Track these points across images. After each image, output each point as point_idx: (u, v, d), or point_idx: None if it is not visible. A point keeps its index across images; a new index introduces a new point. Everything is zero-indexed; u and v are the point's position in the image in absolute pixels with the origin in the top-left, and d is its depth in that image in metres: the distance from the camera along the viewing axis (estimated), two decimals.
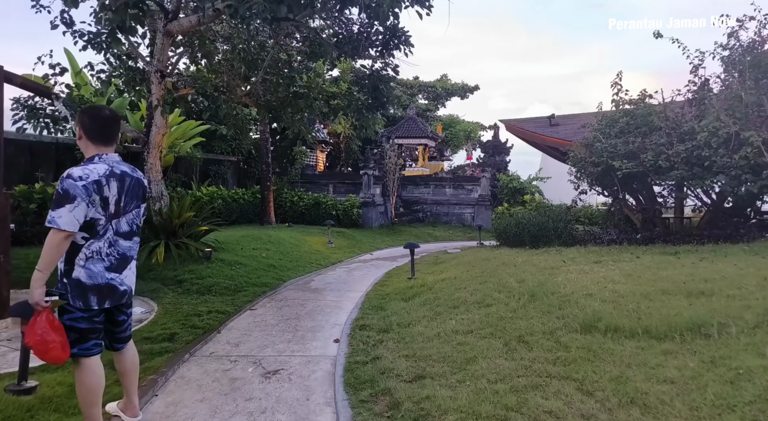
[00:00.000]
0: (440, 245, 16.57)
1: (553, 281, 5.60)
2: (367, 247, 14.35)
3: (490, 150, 20.33)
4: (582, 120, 13.41)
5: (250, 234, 11.73)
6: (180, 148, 12.76)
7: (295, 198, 17.01)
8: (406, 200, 20.26)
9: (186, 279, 7.29)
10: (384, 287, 8.06)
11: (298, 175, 17.62)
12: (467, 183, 19.82)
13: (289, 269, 9.42)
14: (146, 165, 8.06)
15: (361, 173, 17.36)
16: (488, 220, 19.00)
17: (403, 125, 22.97)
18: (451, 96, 36.32)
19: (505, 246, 10.97)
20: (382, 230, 17.25)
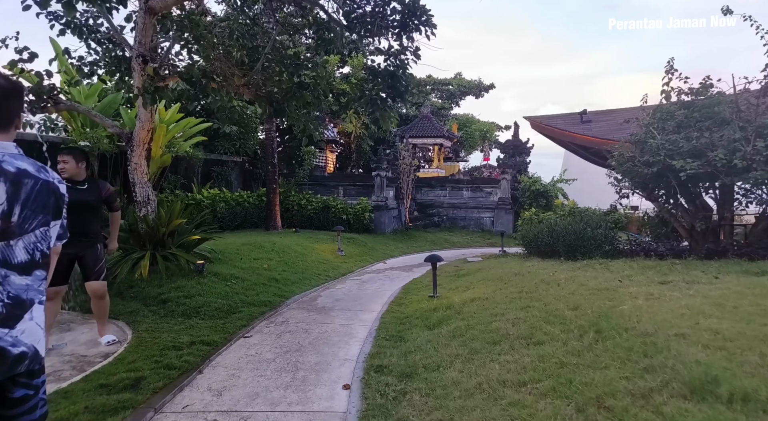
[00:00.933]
0: (458, 251, 15.41)
1: (618, 311, 4.43)
2: (380, 255, 13.25)
3: (510, 150, 19.12)
4: (618, 116, 12.18)
5: (252, 241, 10.70)
6: (179, 148, 11.79)
7: (302, 201, 15.99)
8: (421, 204, 19.13)
9: (171, 298, 6.25)
10: (402, 306, 6.95)
11: (306, 176, 16.60)
12: (486, 185, 18.63)
13: (293, 283, 8.35)
14: (130, 165, 7.05)
15: (373, 175, 16.28)
16: (509, 225, 17.79)
17: (417, 124, 21.84)
18: (465, 95, 35.11)
19: (535, 256, 9.78)
20: (395, 235, 16.13)
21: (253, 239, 11.46)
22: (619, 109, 12.51)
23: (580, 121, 12.10)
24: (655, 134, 7.11)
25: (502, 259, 11.87)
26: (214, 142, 15.03)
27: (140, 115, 6.75)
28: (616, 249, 8.62)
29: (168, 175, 12.43)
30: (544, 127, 12.71)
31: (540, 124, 12.92)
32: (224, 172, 15.18)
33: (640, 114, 8.55)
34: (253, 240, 11.00)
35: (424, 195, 19.37)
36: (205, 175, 14.88)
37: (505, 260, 10.48)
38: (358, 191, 16.70)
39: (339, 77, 22.75)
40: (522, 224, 11.26)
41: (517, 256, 11.09)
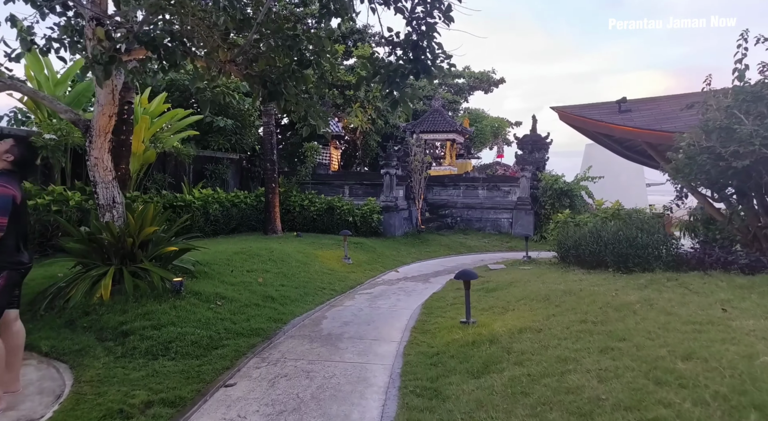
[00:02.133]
0: (476, 257, 14.00)
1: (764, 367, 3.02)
2: (390, 262, 11.86)
3: (529, 146, 17.68)
4: (662, 104, 10.73)
5: (247, 249, 9.34)
6: (165, 143, 10.43)
7: (305, 202, 14.62)
8: (432, 204, 17.73)
9: (136, 329, 4.89)
10: (428, 335, 5.56)
11: (309, 175, 15.25)
12: (504, 184, 17.20)
13: (293, 302, 6.97)
14: (89, 160, 5.69)
15: (382, 173, 14.89)
16: (529, 227, 16.37)
17: (427, 118, 20.44)
18: (474, 90, 33.65)
19: (575, 266, 8.36)
20: (406, 239, 14.74)
21: (248, 245, 10.09)
22: (663, 97, 11.07)
23: (618, 110, 10.66)
24: (742, 119, 5.68)
25: (531, 267, 10.46)
26: (207, 138, 13.69)
27: (98, 97, 5.38)
28: (679, 259, 7.19)
29: (153, 173, 11.08)
30: (576, 119, 11.33)
31: (570, 114, 11.53)
32: (219, 171, 13.83)
33: (702, 98, 7.11)
34: (248, 247, 9.63)
35: (436, 195, 17.97)
36: (198, 174, 13.54)
37: (538, 269, 9.07)
38: (365, 191, 15.34)
39: (344, 69, 21.38)
40: (555, 227, 9.85)
41: (550, 264, 9.67)
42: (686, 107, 7.24)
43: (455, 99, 25.42)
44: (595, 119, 10.62)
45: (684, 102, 10.51)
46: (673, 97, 10.88)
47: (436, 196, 18.04)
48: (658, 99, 11.02)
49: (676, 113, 9.97)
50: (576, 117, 11.24)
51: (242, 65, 6.15)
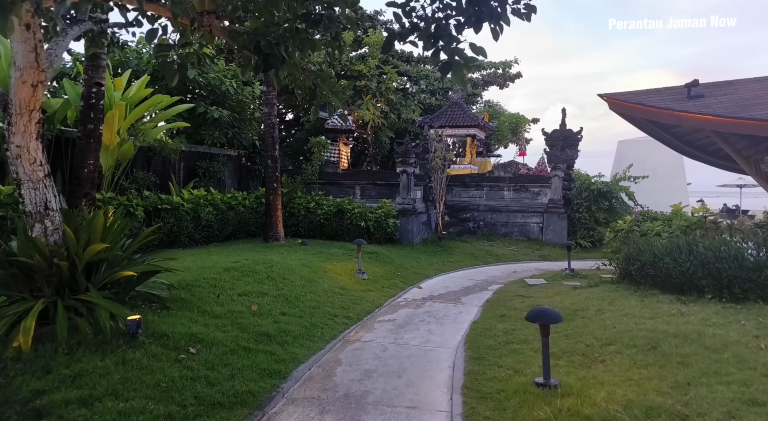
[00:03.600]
0: (506, 268, 12.26)
1: None
2: (411, 275, 10.14)
3: (559, 142, 15.90)
4: (742, 88, 8.94)
5: (241, 263, 7.66)
6: (145, 135, 8.77)
7: (311, 204, 12.93)
8: (452, 206, 15.99)
9: (55, 404, 3.21)
10: (490, 404, 3.84)
11: (316, 173, 13.57)
12: (533, 184, 15.42)
13: (296, 339, 5.28)
14: (8, 149, 4.01)
15: (399, 171, 13.17)
16: (562, 232, 14.59)
17: (446, 112, 18.69)
18: (489, 85, 31.84)
19: (652, 288, 6.58)
20: (426, 247, 13.01)
21: (243, 257, 8.42)
22: (740, 80, 9.30)
23: (687, 96, 8.89)
24: None
25: (581, 284, 8.71)
26: (200, 131, 12.03)
27: (15, 58, 3.70)
28: None
29: (134, 171, 9.44)
30: (632, 107, 9.58)
31: (624, 103, 9.78)
32: (213, 169, 12.17)
33: None
34: (243, 260, 7.95)
35: (456, 196, 16.23)
36: (189, 172, 11.90)
37: (600, 291, 7.29)
38: (379, 192, 13.65)
39: (354, 57, 19.71)
40: (614, 237, 8.09)
41: (609, 282, 7.91)
42: None
43: (474, 91, 23.64)
44: (659, 107, 8.86)
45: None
46: (753, 80, 9.10)
47: (456, 197, 16.29)
48: (735, 82, 9.23)
49: (764, 98, 8.20)
50: (632, 105, 9.47)
51: (226, 18, 4.45)
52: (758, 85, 8.76)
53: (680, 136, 10.93)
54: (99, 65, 7.49)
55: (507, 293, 8.84)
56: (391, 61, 18.56)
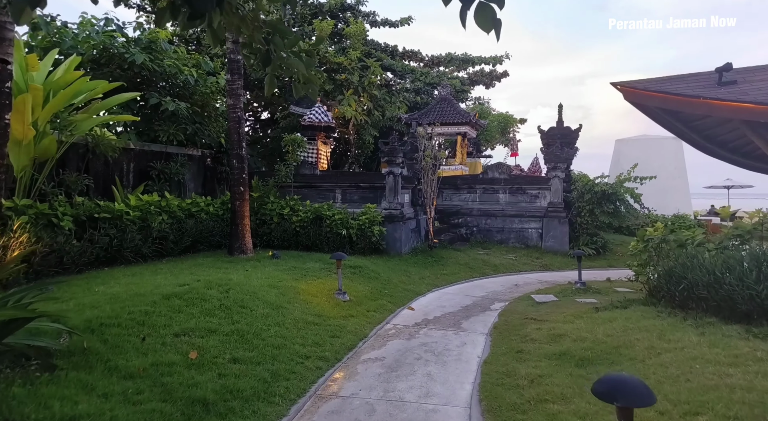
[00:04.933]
0: (506, 280, 10.91)
1: None
2: (400, 293, 8.67)
3: (557, 140, 14.68)
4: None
5: (189, 287, 6.07)
6: (74, 128, 7.13)
7: (285, 210, 11.37)
8: (442, 211, 14.60)
9: None
10: None
11: (291, 175, 12.02)
12: (530, 186, 14.13)
13: (246, 403, 3.76)
14: None
15: (385, 172, 11.71)
16: (563, 239, 13.32)
17: (434, 108, 17.32)
18: (475, 84, 30.71)
19: (710, 315, 5.24)
20: (415, 257, 11.56)
21: (197, 277, 6.83)
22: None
23: (718, 82, 7.67)
24: None
25: (598, 301, 7.38)
26: (153, 127, 10.38)
27: None
28: None
29: (60, 173, 7.75)
30: (653, 96, 8.35)
31: (642, 91, 8.53)
32: (171, 170, 10.53)
33: None
34: (193, 282, 6.37)
35: (447, 200, 14.85)
36: (142, 175, 10.24)
37: (634, 315, 5.92)
38: (362, 196, 12.18)
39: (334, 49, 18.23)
40: (644, 248, 6.76)
41: (635, 301, 6.56)
42: None
43: (463, 88, 22.40)
44: (687, 95, 7.63)
45: None
46: None
47: (447, 201, 14.91)
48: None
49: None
50: (652, 95, 8.21)
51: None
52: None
53: (701, 130, 9.76)
54: (4, 38, 5.88)
55: (515, 315, 7.44)
56: (375, 54, 17.16)
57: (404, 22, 19.46)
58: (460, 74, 27.60)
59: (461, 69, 26.33)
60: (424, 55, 22.50)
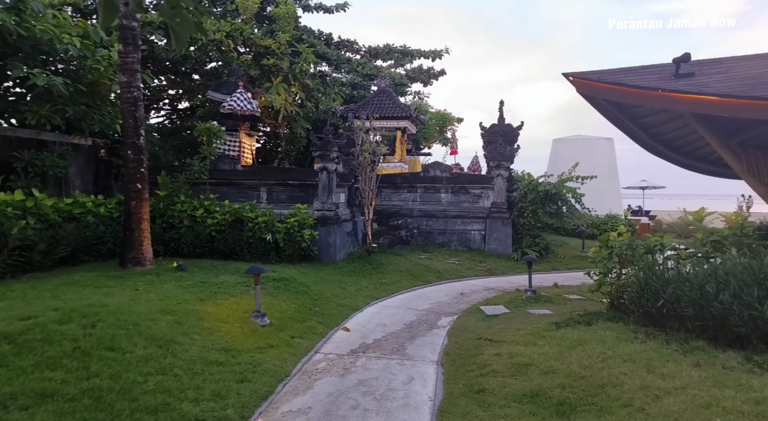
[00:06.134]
0: (450, 287, 9.98)
1: None
2: (334, 310, 7.36)
3: (499, 137, 14.10)
4: (735, 66, 7.38)
5: (34, 322, 4.37)
6: None
7: (198, 211, 9.64)
8: (381, 212, 13.49)
9: None
10: None
11: (206, 171, 10.27)
12: (473, 185, 13.39)
13: None
14: None
15: (317, 169, 10.33)
16: (507, 241, 12.71)
17: (372, 101, 16.11)
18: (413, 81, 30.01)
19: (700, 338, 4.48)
20: (352, 264, 10.29)
21: (55, 304, 5.09)
22: (729, 58, 7.83)
23: (675, 74, 7.18)
24: None
25: (553, 312, 6.57)
26: (18, 107, 8.22)
27: None
28: None
29: None
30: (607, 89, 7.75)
31: (595, 84, 7.89)
32: (45, 163, 8.43)
33: None
34: (45, 313, 4.66)
35: (386, 199, 13.75)
36: (1, 167, 8.06)
37: (606, 335, 5.08)
38: (291, 195, 10.71)
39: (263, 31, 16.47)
40: (609, 255, 6.01)
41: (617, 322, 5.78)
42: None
43: (403, 81, 21.44)
44: (645, 88, 7.06)
45: None
46: (744, 58, 7.65)
47: (386, 201, 13.81)
48: (725, 60, 7.70)
49: None
50: (610, 87, 7.60)
51: None
52: (754, 63, 7.31)
53: (648, 128, 9.43)
54: None
55: (466, 334, 6.42)
56: (307, 40, 15.67)
57: (340, 7, 18.11)
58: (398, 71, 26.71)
59: (399, 64, 25.42)
60: (361, 46, 21.26)
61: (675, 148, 10.10)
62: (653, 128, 9.52)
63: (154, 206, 9.51)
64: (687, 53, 7.17)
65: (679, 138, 9.92)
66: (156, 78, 16.51)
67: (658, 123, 9.32)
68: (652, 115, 9.00)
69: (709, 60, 7.73)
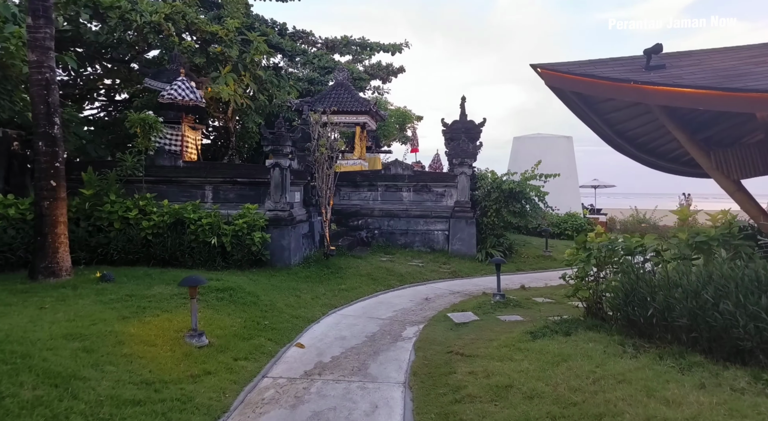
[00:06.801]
0: (414, 292, 9.35)
1: None
2: (286, 323, 6.53)
3: (462, 134, 13.65)
4: (706, 59, 7.15)
5: None
6: None
7: (132, 212, 8.51)
8: (339, 211, 12.71)
9: None
10: None
11: (141, 167, 9.11)
12: (436, 184, 12.85)
13: None
14: None
15: (269, 165, 9.41)
16: (471, 241, 12.27)
17: (329, 94, 15.23)
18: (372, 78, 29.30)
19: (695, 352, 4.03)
20: (308, 269, 9.46)
21: None
22: (697, 51, 7.62)
23: (645, 66, 6.86)
24: None
25: (525, 319, 6.09)
26: None
27: None
28: None
29: None
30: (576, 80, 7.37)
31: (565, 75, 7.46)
32: None
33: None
34: None
35: (345, 198, 12.96)
36: None
37: (590, 349, 4.58)
38: (240, 194, 9.73)
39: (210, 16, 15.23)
40: (588, 257, 5.55)
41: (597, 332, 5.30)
42: None
43: (362, 76, 20.64)
44: (617, 80, 6.69)
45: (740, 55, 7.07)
46: (713, 51, 7.46)
47: (346, 200, 13.04)
48: (693, 53, 7.49)
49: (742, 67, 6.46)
50: (580, 79, 7.19)
51: None
52: (725, 55, 7.12)
53: (613, 124, 9.18)
54: None
55: (435, 347, 5.78)
56: (259, 29, 14.60)
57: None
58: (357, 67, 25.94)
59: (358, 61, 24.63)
60: (317, 38, 20.30)
61: (638, 145, 9.93)
62: (619, 124, 9.28)
63: (78, 207, 8.31)
64: (659, 44, 6.85)
65: (643, 135, 9.75)
66: (90, 66, 14.93)
67: (624, 119, 9.07)
68: (618, 111, 8.73)
69: (678, 53, 7.49)
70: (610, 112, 8.95)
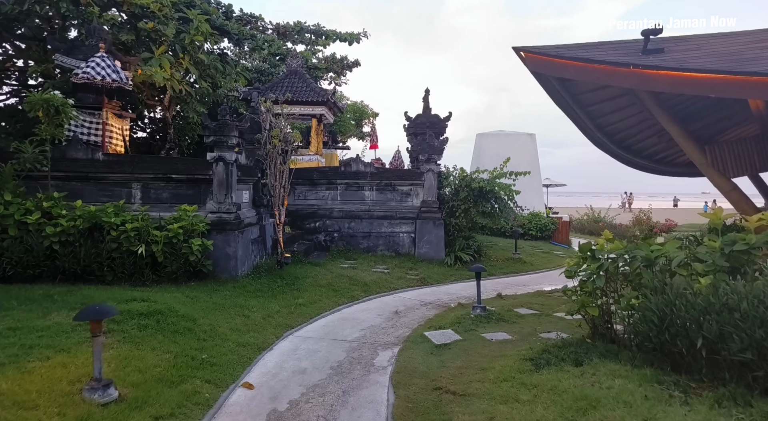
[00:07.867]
0: (381, 303, 8.25)
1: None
2: (230, 355, 5.20)
3: (426, 129, 12.70)
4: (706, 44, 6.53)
5: None
6: None
7: (33, 216, 6.82)
8: (295, 213, 11.38)
9: None
10: None
11: (47, 160, 7.40)
12: (401, 182, 11.79)
13: None
14: None
15: (211, 159, 7.96)
16: (439, 244, 11.34)
17: (282, 83, 13.76)
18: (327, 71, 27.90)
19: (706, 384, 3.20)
20: (259, 280, 8.10)
21: None
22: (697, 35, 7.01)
23: (643, 50, 6.13)
24: None
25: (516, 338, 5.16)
26: None
27: None
28: None
29: None
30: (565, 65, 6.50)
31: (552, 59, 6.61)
32: None
33: None
34: None
35: (301, 198, 11.63)
36: None
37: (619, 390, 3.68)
38: (176, 193, 8.22)
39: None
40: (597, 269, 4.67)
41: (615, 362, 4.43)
42: None
43: (318, 65, 19.22)
44: (613, 63, 5.89)
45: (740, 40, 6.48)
46: (712, 36, 6.87)
47: (302, 200, 11.72)
48: (690, 38, 6.86)
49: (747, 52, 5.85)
50: (569, 63, 6.36)
51: None
52: (726, 40, 6.54)
53: (594, 117, 8.52)
54: None
55: (418, 383, 4.69)
56: (200, 6, 12.92)
57: None
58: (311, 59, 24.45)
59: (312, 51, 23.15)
60: (267, 23, 18.69)
61: (617, 140, 9.37)
62: (600, 118, 8.63)
63: None
64: (659, 26, 6.15)
65: (623, 130, 9.17)
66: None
67: (606, 111, 8.43)
68: (601, 102, 8.04)
69: (672, 37, 6.83)
70: (592, 104, 8.27)
